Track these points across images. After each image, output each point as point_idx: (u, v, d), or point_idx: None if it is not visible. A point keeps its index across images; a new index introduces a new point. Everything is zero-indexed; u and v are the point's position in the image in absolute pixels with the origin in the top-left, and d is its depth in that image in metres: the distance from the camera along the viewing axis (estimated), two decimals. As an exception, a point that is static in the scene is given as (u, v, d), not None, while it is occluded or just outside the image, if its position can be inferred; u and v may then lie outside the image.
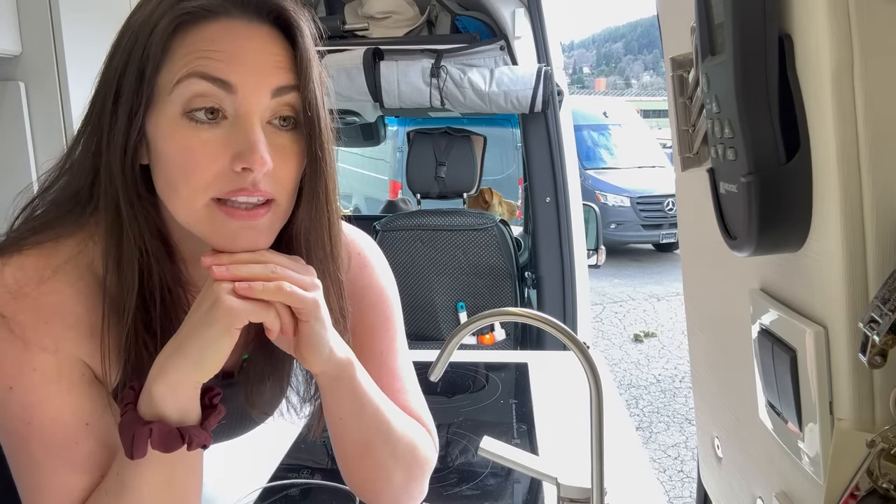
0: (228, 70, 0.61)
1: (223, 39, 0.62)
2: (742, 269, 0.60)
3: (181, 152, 0.62)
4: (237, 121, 0.62)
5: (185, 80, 0.61)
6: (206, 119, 0.62)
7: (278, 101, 0.64)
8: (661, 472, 3.40)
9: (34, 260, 0.66)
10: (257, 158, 0.61)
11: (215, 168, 0.62)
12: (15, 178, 1.58)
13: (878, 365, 0.39)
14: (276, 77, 0.63)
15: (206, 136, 0.62)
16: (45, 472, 0.65)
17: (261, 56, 0.63)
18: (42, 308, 0.65)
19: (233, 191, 0.62)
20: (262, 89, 0.62)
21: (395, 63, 2.23)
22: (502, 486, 1.04)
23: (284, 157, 0.64)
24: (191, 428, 0.63)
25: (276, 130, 0.64)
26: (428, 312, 2.31)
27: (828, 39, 0.41)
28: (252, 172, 0.61)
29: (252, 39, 0.63)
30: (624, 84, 64.56)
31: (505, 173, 5.13)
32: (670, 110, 0.69)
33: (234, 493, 1.01)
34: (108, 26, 1.92)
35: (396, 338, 0.89)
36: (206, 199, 0.62)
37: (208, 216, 0.63)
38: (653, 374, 4.75)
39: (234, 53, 0.62)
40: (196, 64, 0.61)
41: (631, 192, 8.24)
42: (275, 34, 0.65)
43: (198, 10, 0.63)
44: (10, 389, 0.64)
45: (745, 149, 0.46)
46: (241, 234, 0.64)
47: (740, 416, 0.66)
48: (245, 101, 0.62)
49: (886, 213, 0.42)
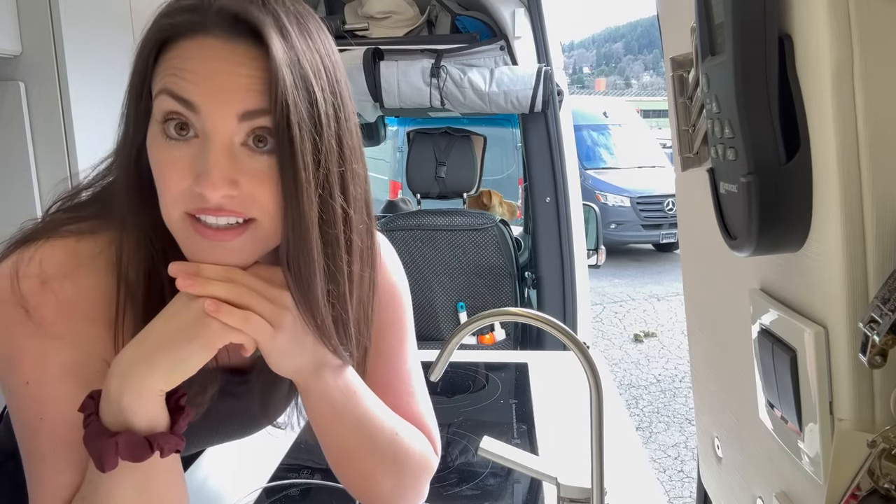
0: (193, 90, 0.60)
1: (196, 59, 0.61)
2: (742, 269, 0.60)
3: (157, 165, 0.62)
4: (203, 141, 0.61)
5: (158, 95, 0.61)
6: (176, 135, 0.61)
7: (250, 124, 0.61)
8: (661, 472, 3.39)
9: (65, 251, 0.67)
10: (208, 185, 0.59)
11: (182, 185, 0.61)
12: (15, 178, 1.58)
13: (878, 365, 0.39)
14: (245, 101, 0.60)
15: (177, 153, 0.61)
16: (48, 468, 0.66)
17: (230, 78, 0.60)
18: (65, 302, 0.65)
19: (197, 209, 0.61)
20: (227, 112, 0.60)
21: (395, 63, 2.23)
22: (502, 486, 1.04)
23: (261, 180, 0.61)
24: (160, 435, 0.61)
25: (251, 153, 0.61)
26: (428, 312, 2.31)
27: (828, 39, 0.41)
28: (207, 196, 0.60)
29: (224, 61, 0.61)
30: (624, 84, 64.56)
31: (505, 173, 5.13)
32: (670, 110, 0.69)
33: (234, 493, 1.01)
34: (108, 26, 1.93)
35: (406, 339, 0.88)
36: (180, 212, 0.62)
37: (182, 229, 0.63)
38: (653, 374, 4.74)
39: (203, 74, 0.60)
40: (167, 81, 0.61)
41: (631, 192, 8.24)
42: (253, 53, 0.61)
43: (177, 26, 0.62)
44: (28, 384, 0.65)
45: (745, 149, 0.46)
46: (210, 252, 0.63)
47: (740, 416, 0.66)
48: (209, 123, 0.60)
49: (886, 213, 0.42)
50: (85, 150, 1.59)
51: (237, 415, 0.84)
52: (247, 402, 0.81)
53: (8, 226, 0.70)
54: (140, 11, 1.78)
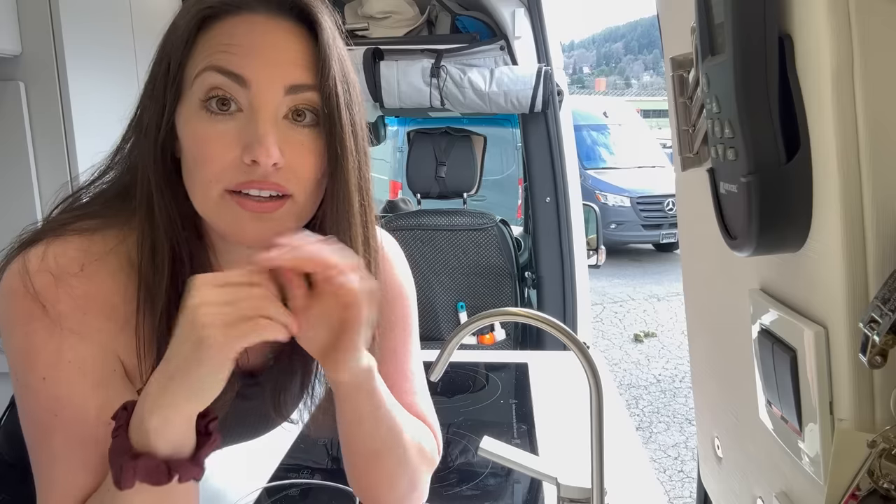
0: (242, 64, 0.62)
1: (241, 34, 0.63)
2: (742, 269, 0.60)
3: (197, 142, 0.63)
4: (250, 114, 0.63)
5: (202, 73, 0.63)
6: (219, 110, 0.63)
7: (293, 98, 0.64)
8: (661, 472, 3.39)
9: (76, 247, 0.66)
10: (262, 151, 0.61)
11: (227, 158, 0.62)
12: (14, 178, 1.58)
13: (878, 365, 0.39)
14: (292, 74, 0.64)
15: (221, 127, 0.63)
16: (60, 468, 0.65)
17: (277, 51, 0.64)
18: (81, 298, 0.65)
19: (243, 182, 0.63)
20: (275, 85, 0.63)
21: (395, 63, 2.23)
22: (502, 486, 1.04)
23: (301, 153, 0.64)
24: (180, 463, 0.59)
25: (292, 126, 0.64)
26: (428, 312, 2.31)
27: (828, 39, 0.41)
28: (259, 165, 0.61)
29: (270, 34, 0.64)
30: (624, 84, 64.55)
31: (505, 173, 5.13)
32: (670, 110, 0.69)
33: (235, 493, 1.01)
34: (108, 26, 1.93)
35: (410, 337, 0.88)
36: (220, 189, 0.63)
37: (221, 206, 0.64)
38: (653, 374, 4.74)
39: (250, 47, 0.63)
40: (213, 58, 0.63)
41: (631, 192, 8.24)
42: (297, 30, 0.65)
43: (220, 4, 0.64)
44: (44, 380, 0.64)
45: (745, 149, 0.46)
46: (252, 224, 0.64)
47: (740, 416, 0.66)
48: (258, 96, 0.62)
49: (886, 213, 0.42)
50: (85, 151, 1.59)
51: (250, 416, 0.83)
52: (258, 402, 0.80)
53: (8, 226, 0.70)
54: (140, 11, 1.79)
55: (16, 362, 0.65)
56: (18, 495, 0.77)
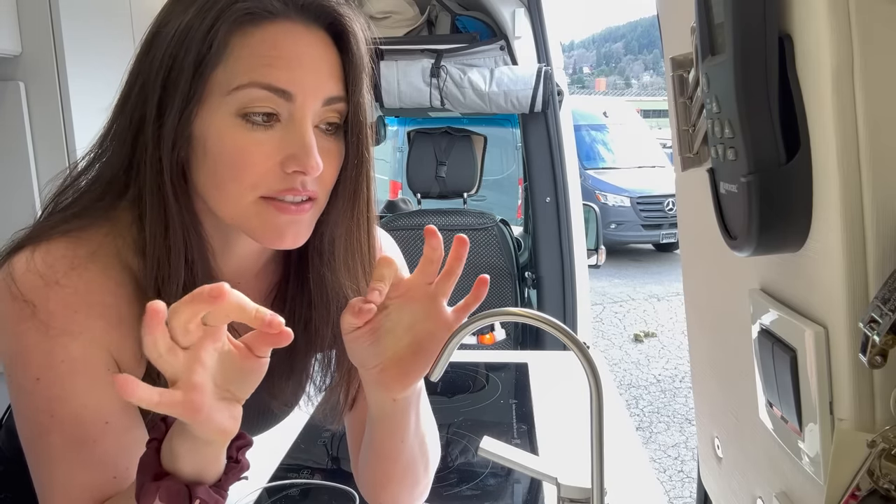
0: (288, 79, 0.63)
1: (284, 44, 0.63)
2: (742, 269, 0.60)
3: (234, 151, 0.63)
4: (291, 124, 0.64)
5: (247, 87, 0.62)
6: (261, 122, 0.63)
7: (327, 109, 0.66)
8: (661, 472, 3.39)
9: (63, 247, 0.66)
10: (312, 164, 0.63)
11: (266, 166, 0.63)
12: (14, 178, 1.58)
13: (878, 365, 0.39)
14: (330, 87, 0.65)
15: (261, 137, 0.63)
16: (60, 468, 0.65)
17: (318, 64, 0.65)
18: (72, 297, 0.64)
19: (282, 190, 0.64)
20: (317, 98, 0.64)
21: (395, 63, 2.23)
22: (502, 486, 1.04)
23: (329, 160, 0.66)
24: (203, 489, 0.58)
25: (321, 134, 0.66)
26: (428, 312, 2.30)
27: (828, 39, 0.41)
28: (303, 175, 0.63)
29: (312, 46, 0.65)
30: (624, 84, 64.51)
31: (505, 173, 5.13)
32: (670, 110, 0.69)
33: (234, 493, 1.01)
34: (108, 26, 1.93)
35: None
36: (255, 196, 0.64)
37: (256, 212, 0.65)
38: (653, 374, 4.74)
39: (295, 60, 0.63)
40: (260, 72, 0.62)
41: (631, 192, 8.24)
42: (328, 41, 0.66)
43: (258, 10, 0.63)
44: (38, 381, 0.64)
45: (745, 149, 0.46)
46: (288, 228, 0.66)
47: (740, 416, 0.66)
48: (301, 108, 0.64)
49: (886, 213, 0.42)
50: (85, 150, 1.59)
51: (251, 413, 0.83)
52: (254, 399, 0.80)
53: (8, 225, 0.70)
54: (140, 11, 1.78)
55: (9, 365, 0.65)
56: (20, 493, 0.77)
